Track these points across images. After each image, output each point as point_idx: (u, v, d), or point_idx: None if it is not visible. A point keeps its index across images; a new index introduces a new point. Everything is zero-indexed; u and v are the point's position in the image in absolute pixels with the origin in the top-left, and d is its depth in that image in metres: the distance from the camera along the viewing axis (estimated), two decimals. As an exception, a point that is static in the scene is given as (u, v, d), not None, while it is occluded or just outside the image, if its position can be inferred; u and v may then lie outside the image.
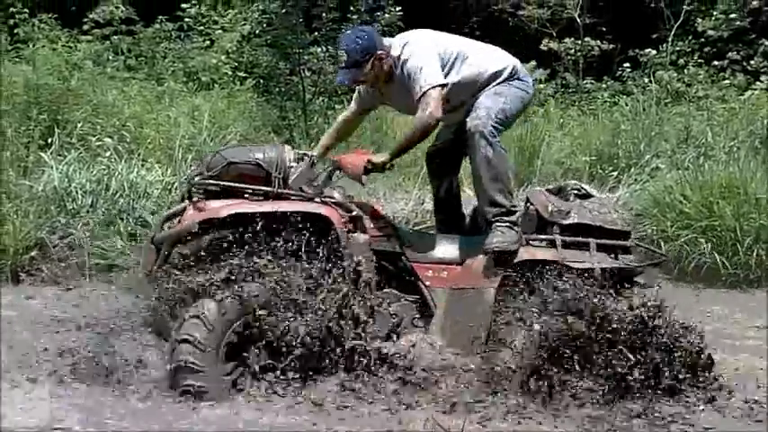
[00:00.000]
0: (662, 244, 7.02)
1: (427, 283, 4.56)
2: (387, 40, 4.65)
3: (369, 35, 4.63)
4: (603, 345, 4.18)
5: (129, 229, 6.38)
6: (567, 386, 4.16)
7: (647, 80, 11.81)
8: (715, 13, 13.20)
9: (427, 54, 4.51)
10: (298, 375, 4.03)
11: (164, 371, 4.01)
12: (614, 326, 4.16)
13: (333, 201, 4.35)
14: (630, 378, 4.13)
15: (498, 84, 4.62)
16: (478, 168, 4.49)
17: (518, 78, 4.70)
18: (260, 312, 3.97)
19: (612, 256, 4.67)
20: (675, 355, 4.24)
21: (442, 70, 4.52)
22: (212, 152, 4.54)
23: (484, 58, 4.68)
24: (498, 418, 3.94)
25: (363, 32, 4.69)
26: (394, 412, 3.92)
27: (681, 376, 4.24)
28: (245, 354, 4.04)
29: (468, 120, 4.49)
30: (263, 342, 4.01)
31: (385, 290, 4.54)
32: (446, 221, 5.11)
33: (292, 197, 4.33)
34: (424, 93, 4.39)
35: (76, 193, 6.63)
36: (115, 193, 6.72)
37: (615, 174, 8.69)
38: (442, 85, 4.44)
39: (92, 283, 6.04)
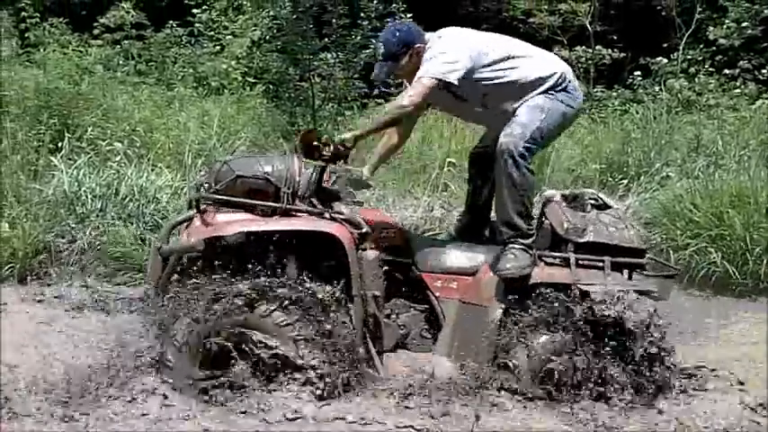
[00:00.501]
0: (671, 253, 6.99)
1: (437, 294, 4.54)
2: (427, 35, 4.55)
3: (408, 28, 4.58)
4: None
5: (139, 233, 6.35)
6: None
7: (657, 88, 11.77)
8: (726, 21, 13.16)
9: (449, 48, 4.39)
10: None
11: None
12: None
13: (342, 217, 4.27)
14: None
15: (542, 93, 4.48)
16: (501, 188, 4.41)
17: (564, 90, 4.53)
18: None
19: (628, 273, 4.64)
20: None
21: (471, 71, 4.39)
22: (221, 161, 4.48)
23: (529, 62, 4.53)
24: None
25: (403, 25, 4.67)
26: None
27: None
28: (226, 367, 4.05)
29: (501, 135, 4.37)
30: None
31: (394, 300, 4.53)
32: (470, 228, 5.04)
33: (301, 213, 4.30)
34: (419, 78, 4.30)
35: (86, 197, 6.62)
36: (125, 197, 6.69)
37: (625, 182, 8.65)
38: (442, 81, 4.30)
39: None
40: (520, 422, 4.03)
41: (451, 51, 4.37)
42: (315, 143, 4.23)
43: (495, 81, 4.47)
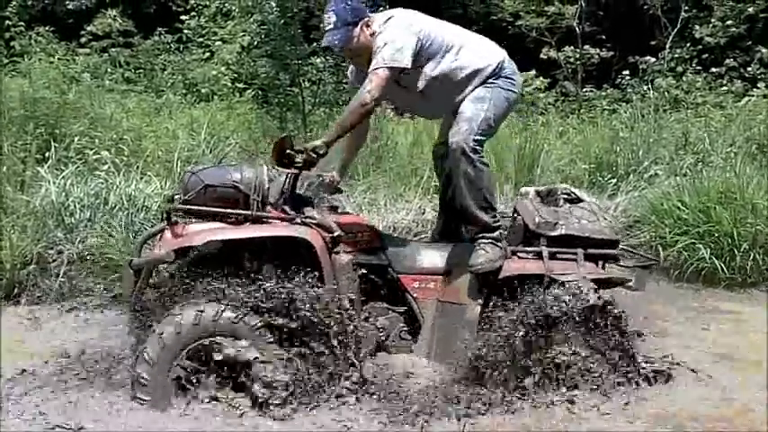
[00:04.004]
0: (660, 250, 7.05)
1: (415, 295, 4.55)
2: (374, 15, 4.56)
3: (356, 1, 4.56)
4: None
5: (129, 242, 6.31)
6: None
7: (645, 88, 11.82)
8: (712, 20, 13.23)
9: (398, 32, 4.37)
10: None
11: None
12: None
13: (314, 222, 4.26)
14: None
15: (481, 84, 4.50)
16: (459, 186, 4.43)
17: (503, 77, 4.55)
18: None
19: (602, 264, 4.67)
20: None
21: (417, 56, 4.39)
22: (190, 171, 4.43)
23: (468, 52, 4.52)
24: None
25: None
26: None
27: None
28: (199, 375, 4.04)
29: (450, 135, 4.41)
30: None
31: (372, 303, 4.53)
32: (446, 227, 5.03)
33: (272, 220, 4.29)
34: (374, 71, 4.29)
35: (74, 207, 6.56)
36: (113, 206, 6.64)
37: (614, 181, 8.67)
38: (397, 68, 4.31)
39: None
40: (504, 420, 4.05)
41: (400, 36, 4.36)
42: (288, 151, 4.22)
43: (436, 72, 4.47)
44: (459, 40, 4.56)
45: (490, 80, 4.52)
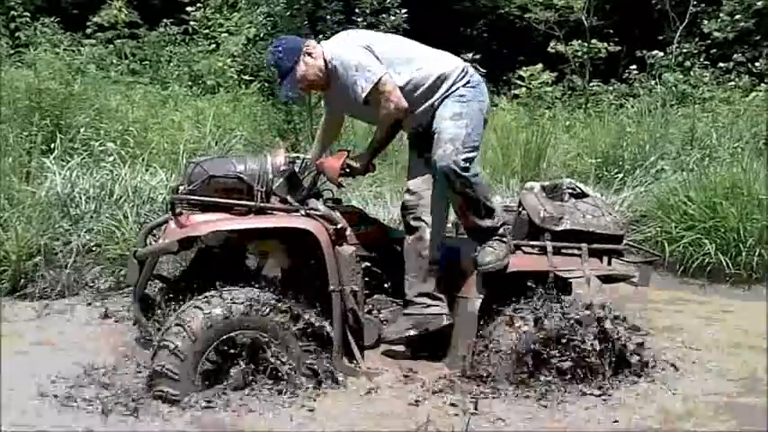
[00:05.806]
0: (666, 245, 7.03)
1: None
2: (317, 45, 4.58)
3: (286, 40, 4.65)
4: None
5: (134, 234, 6.30)
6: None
7: (653, 82, 11.79)
8: (720, 14, 13.20)
9: (354, 55, 4.40)
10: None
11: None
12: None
13: (317, 213, 4.28)
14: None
15: (451, 89, 4.48)
16: (458, 205, 4.46)
17: (471, 86, 4.53)
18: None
19: (606, 258, 4.67)
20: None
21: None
22: (193, 163, 4.47)
23: (429, 61, 4.52)
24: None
25: (280, 41, 4.66)
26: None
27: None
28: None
29: (434, 156, 4.34)
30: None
31: (375, 296, 4.54)
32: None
33: (276, 211, 4.31)
34: (375, 87, 4.32)
35: (80, 198, 6.56)
36: (119, 198, 6.63)
37: (620, 176, 8.66)
38: (385, 75, 4.33)
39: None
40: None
41: (357, 56, 4.39)
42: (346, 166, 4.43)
43: (400, 83, 4.43)
44: (417, 53, 4.59)
45: (458, 87, 4.48)
